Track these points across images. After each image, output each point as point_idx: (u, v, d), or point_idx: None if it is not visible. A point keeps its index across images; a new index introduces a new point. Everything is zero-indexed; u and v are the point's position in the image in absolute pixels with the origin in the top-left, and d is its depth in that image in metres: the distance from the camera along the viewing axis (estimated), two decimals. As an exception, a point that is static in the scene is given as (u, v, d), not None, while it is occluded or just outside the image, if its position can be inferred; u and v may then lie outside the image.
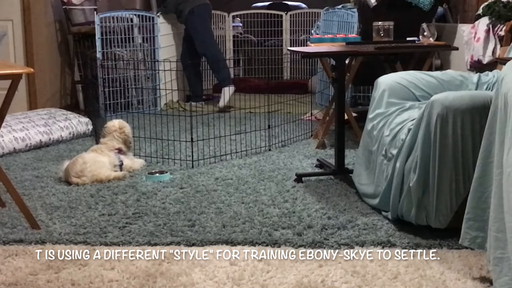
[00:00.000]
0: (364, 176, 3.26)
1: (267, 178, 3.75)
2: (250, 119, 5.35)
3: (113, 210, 3.17)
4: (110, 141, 3.97)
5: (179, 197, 3.39)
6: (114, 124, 4.02)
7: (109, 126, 4.02)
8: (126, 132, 4.01)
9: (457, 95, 2.65)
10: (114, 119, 4.12)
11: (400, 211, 2.84)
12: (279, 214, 3.07)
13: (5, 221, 3.00)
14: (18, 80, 2.83)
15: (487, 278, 2.31)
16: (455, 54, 5.04)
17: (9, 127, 4.48)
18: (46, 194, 3.47)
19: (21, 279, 2.37)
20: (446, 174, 2.59)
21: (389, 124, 3.05)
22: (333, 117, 4.27)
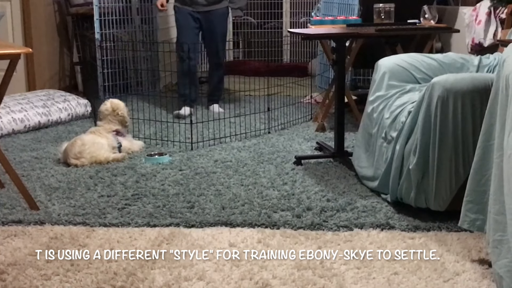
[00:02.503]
0: (364, 158, 3.25)
1: (267, 161, 3.74)
2: (250, 102, 5.33)
3: (112, 191, 3.16)
4: (107, 124, 3.95)
5: (178, 179, 3.39)
6: (107, 108, 3.99)
7: (102, 110, 4.01)
8: (120, 113, 3.99)
9: (458, 77, 2.64)
10: (107, 101, 4.10)
11: (399, 194, 2.84)
12: (278, 196, 3.07)
13: (4, 201, 3.00)
14: (16, 60, 2.81)
15: (486, 260, 2.31)
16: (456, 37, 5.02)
17: (7, 108, 4.47)
18: (45, 175, 3.46)
19: (20, 259, 2.36)
20: (446, 156, 2.58)
21: (389, 106, 3.04)
22: (333, 100, 4.25)
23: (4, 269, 2.27)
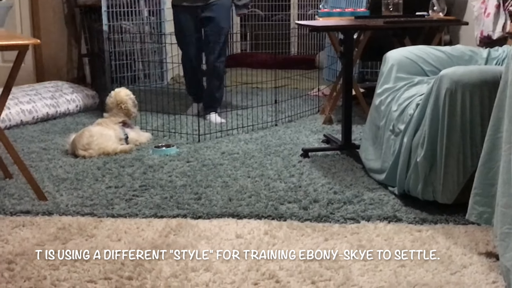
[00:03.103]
0: (371, 151, 3.24)
1: (274, 153, 3.74)
2: (257, 94, 5.33)
3: (119, 182, 3.17)
4: (114, 115, 3.96)
5: (185, 170, 3.39)
6: (112, 101, 3.99)
7: (108, 102, 4.01)
8: (124, 106, 3.98)
9: (466, 69, 2.63)
10: (112, 92, 4.10)
11: (406, 186, 2.83)
12: (285, 188, 3.07)
13: (12, 192, 3.02)
14: (24, 51, 2.82)
15: (493, 253, 2.31)
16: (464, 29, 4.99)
17: (16, 99, 4.48)
18: (53, 166, 3.48)
19: (28, 249, 2.38)
20: (454, 149, 2.58)
21: (397, 99, 3.03)
22: (340, 92, 4.25)
23: (12, 259, 2.28)
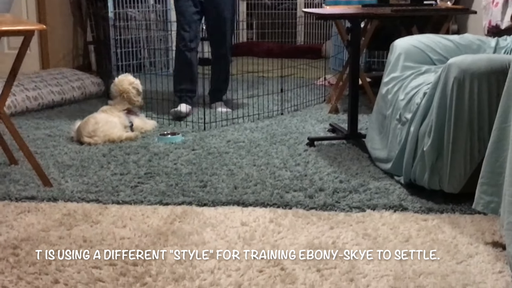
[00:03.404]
0: (377, 140, 3.23)
1: (279, 142, 3.73)
2: (263, 83, 5.31)
3: (125, 169, 3.17)
4: (118, 103, 3.94)
5: (191, 158, 3.39)
6: (116, 89, 3.97)
7: (112, 91, 4.00)
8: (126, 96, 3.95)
9: (475, 58, 2.60)
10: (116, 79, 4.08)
11: (413, 176, 2.82)
12: (290, 177, 3.06)
13: (18, 178, 3.02)
14: (30, 37, 2.81)
15: (500, 243, 2.30)
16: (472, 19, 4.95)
17: (21, 86, 4.48)
18: (59, 152, 3.48)
19: (33, 235, 2.38)
20: (461, 138, 2.56)
21: (404, 88, 3.01)
22: (347, 81, 4.22)
23: (18, 244, 2.28)
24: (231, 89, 4.85)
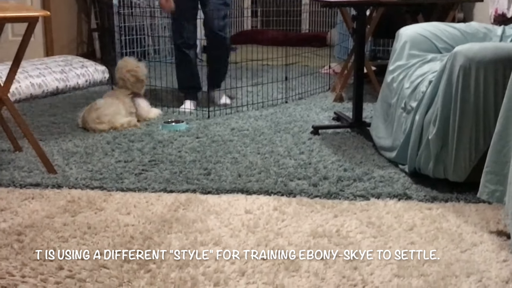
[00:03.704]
0: (382, 129, 3.22)
1: (283, 130, 3.72)
2: (267, 71, 5.30)
3: (129, 157, 3.17)
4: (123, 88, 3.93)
5: (195, 146, 3.39)
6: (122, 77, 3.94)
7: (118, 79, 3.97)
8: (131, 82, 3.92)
9: (481, 46, 2.58)
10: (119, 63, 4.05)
11: (417, 164, 2.81)
12: (294, 165, 3.06)
13: (22, 165, 3.02)
14: (34, 24, 2.80)
15: (504, 232, 2.29)
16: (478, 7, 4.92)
17: (26, 73, 4.48)
18: (63, 140, 3.48)
19: (37, 221, 2.38)
20: (466, 127, 2.55)
21: (409, 76, 3.00)
22: (352, 70, 4.21)
23: (22, 231, 2.29)
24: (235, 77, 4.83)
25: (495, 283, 1.93)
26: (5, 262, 2.04)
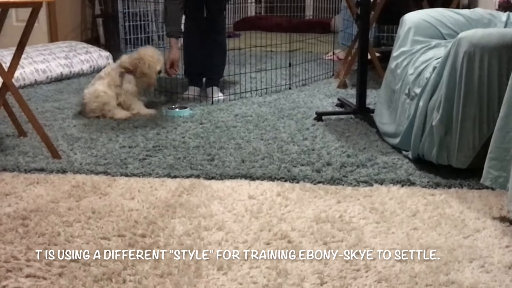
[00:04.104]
0: (386, 115, 3.22)
1: (287, 116, 3.72)
2: (271, 58, 5.30)
3: (133, 142, 3.18)
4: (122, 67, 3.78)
5: (198, 132, 3.39)
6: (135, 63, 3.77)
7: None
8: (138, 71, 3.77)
9: (485, 32, 2.58)
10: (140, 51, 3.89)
11: (421, 151, 2.82)
12: (298, 151, 3.06)
13: (27, 150, 3.03)
14: (38, 9, 2.80)
15: (507, 218, 2.30)
16: (483, -6, 4.90)
17: (30, 58, 4.48)
18: (67, 125, 3.49)
19: (42, 206, 2.40)
20: (470, 113, 2.55)
21: (413, 62, 2.99)
22: (356, 56, 4.20)
23: (27, 215, 2.30)
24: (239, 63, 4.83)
25: (498, 269, 1.94)
26: (10, 246, 2.05)
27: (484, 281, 1.86)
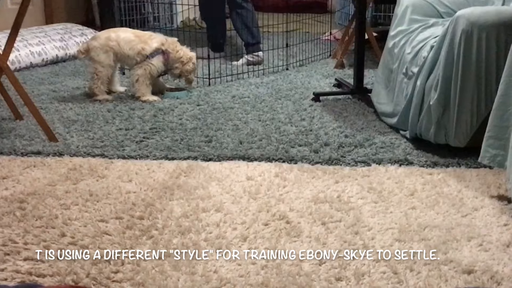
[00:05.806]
0: (383, 95, 3.21)
1: (284, 97, 3.71)
2: (268, 38, 5.27)
3: (130, 125, 3.17)
4: None
5: (196, 113, 3.38)
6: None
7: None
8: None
9: (483, 10, 2.56)
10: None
11: (419, 130, 2.81)
12: (296, 132, 3.06)
13: (23, 133, 3.02)
14: (32, -10, 2.77)
15: (505, 196, 2.30)
16: (481, -28, 4.86)
17: (25, 41, 4.45)
18: (63, 108, 3.47)
19: (39, 189, 2.39)
20: (468, 92, 2.54)
21: (411, 41, 2.97)
22: (353, 36, 4.18)
23: (24, 198, 2.29)
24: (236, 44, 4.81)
25: (496, 247, 1.94)
26: (7, 230, 2.05)
27: (482, 259, 1.86)
